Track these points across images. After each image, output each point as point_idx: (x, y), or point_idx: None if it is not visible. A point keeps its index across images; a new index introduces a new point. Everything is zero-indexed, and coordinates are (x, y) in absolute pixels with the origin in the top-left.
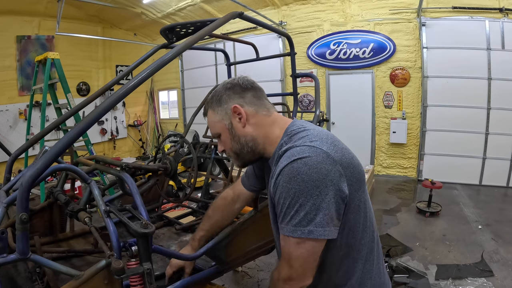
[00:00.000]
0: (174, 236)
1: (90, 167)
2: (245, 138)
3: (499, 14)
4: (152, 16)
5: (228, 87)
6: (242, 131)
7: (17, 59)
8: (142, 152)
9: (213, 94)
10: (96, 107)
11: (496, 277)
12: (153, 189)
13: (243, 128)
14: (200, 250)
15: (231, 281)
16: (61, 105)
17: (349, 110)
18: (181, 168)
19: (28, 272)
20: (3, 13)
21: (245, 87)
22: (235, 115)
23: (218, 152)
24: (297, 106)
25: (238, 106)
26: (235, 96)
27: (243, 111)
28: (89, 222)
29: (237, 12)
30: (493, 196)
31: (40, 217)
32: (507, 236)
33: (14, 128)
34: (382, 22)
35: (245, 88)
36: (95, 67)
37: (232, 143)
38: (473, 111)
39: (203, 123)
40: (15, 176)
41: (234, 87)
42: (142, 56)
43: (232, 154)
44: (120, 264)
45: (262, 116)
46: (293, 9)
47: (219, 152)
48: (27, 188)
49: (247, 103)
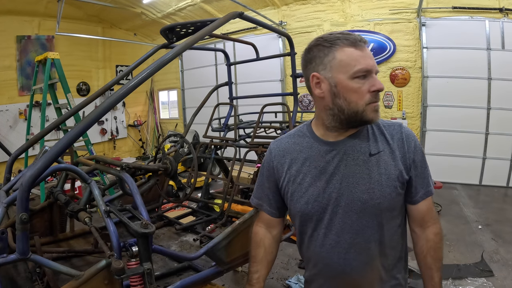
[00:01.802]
0: (174, 236)
1: (90, 167)
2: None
3: (499, 14)
4: (152, 16)
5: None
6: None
7: (17, 59)
8: (142, 152)
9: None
10: (96, 107)
11: (496, 277)
12: (153, 189)
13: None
14: (200, 250)
15: (231, 281)
16: (61, 105)
17: None
18: (181, 168)
19: (28, 272)
20: (3, 13)
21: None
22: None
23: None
24: (297, 106)
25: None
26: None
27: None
28: (89, 222)
29: (237, 12)
30: (493, 196)
31: (40, 217)
32: (507, 236)
33: (14, 128)
34: (382, 22)
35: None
36: (95, 67)
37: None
38: (473, 111)
39: (203, 123)
40: (15, 176)
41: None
42: (142, 56)
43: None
44: (120, 264)
45: None
46: (293, 9)
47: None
48: (27, 188)
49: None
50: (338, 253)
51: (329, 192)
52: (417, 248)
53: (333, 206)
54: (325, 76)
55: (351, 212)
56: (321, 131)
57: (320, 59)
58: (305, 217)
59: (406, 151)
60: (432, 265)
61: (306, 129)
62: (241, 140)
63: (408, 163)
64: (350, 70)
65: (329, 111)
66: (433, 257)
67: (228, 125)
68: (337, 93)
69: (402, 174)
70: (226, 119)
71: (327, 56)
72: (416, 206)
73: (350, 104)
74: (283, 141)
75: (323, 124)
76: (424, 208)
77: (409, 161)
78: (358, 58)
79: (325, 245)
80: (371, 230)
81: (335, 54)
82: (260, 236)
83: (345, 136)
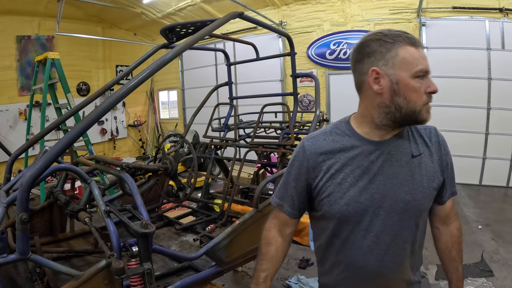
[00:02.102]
0: (174, 236)
1: (90, 167)
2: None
3: (499, 14)
4: (152, 16)
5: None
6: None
7: (17, 59)
8: (142, 152)
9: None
10: (96, 107)
11: (496, 277)
12: (153, 189)
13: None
14: (200, 250)
15: (231, 281)
16: (61, 105)
17: (349, 110)
18: (181, 168)
19: (28, 272)
20: (3, 13)
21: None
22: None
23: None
24: (297, 106)
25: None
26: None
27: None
28: (89, 222)
29: (237, 12)
30: (493, 196)
31: (40, 217)
32: (507, 236)
33: (14, 128)
34: (382, 22)
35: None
36: (95, 67)
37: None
38: (473, 111)
39: (203, 123)
40: (15, 176)
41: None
42: (142, 56)
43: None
44: (120, 264)
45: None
46: (293, 9)
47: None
48: (27, 188)
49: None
50: (376, 255)
51: (372, 193)
52: (441, 244)
53: (375, 208)
54: (386, 72)
55: (393, 213)
56: (366, 129)
57: (381, 54)
58: (343, 219)
59: (442, 153)
60: (457, 257)
61: (345, 127)
62: (241, 140)
63: (444, 165)
64: (412, 69)
65: (384, 109)
66: (457, 250)
67: (228, 125)
68: (398, 91)
69: (439, 177)
70: (226, 119)
71: (390, 52)
72: (443, 206)
73: (409, 103)
74: (319, 139)
75: (372, 121)
76: (449, 207)
77: (444, 164)
78: (419, 58)
79: (363, 247)
80: (409, 230)
81: (398, 51)
82: (273, 234)
83: (390, 135)
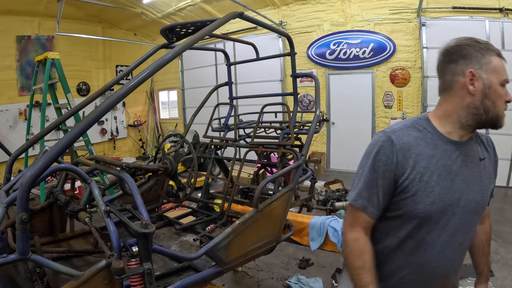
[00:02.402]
0: (174, 236)
1: (90, 167)
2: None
3: (499, 14)
4: (152, 16)
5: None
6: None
7: (17, 59)
8: (142, 152)
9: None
10: (96, 107)
11: (496, 277)
12: (153, 189)
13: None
14: (200, 250)
15: (231, 281)
16: (61, 105)
17: (349, 110)
18: (181, 168)
19: (28, 272)
20: (3, 13)
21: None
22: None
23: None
24: (297, 106)
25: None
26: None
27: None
28: (89, 222)
29: (237, 12)
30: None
31: (40, 217)
32: (507, 236)
33: (14, 128)
34: (382, 22)
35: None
36: (95, 67)
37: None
38: None
39: (203, 123)
40: (15, 176)
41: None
42: (142, 56)
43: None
44: (120, 264)
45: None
46: (293, 9)
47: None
48: (27, 188)
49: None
50: (447, 255)
51: (453, 192)
52: (477, 241)
53: (454, 207)
54: (480, 75)
55: (467, 212)
56: (449, 129)
57: (477, 58)
58: (426, 219)
59: (496, 160)
60: (488, 252)
61: (426, 124)
62: (241, 140)
63: (496, 170)
64: (500, 77)
65: (473, 110)
66: (489, 245)
67: (228, 125)
68: (488, 95)
69: (493, 181)
70: (226, 119)
71: (484, 57)
72: (487, 206)
73: (496, 107)
74: (404, 133)
75: (457, 121)
76: (488, 208)
77: (496, 169)
78: (505, 69)
79: (436, 247)
80: (473, 229)
81: (491, 59)
82: (362, 242)
83: (467, 137)
